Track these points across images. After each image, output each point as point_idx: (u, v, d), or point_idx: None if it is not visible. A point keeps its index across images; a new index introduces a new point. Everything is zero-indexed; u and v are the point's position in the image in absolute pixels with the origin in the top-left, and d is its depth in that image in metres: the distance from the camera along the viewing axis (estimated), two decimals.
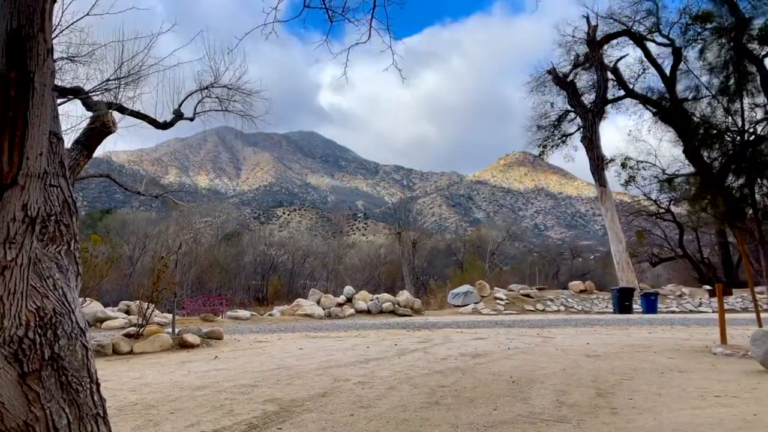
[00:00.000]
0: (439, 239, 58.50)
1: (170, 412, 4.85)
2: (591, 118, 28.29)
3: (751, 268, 11.23)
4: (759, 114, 9.65)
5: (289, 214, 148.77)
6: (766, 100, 11.00)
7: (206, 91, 10.29)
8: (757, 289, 10.48)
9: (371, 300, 20.73)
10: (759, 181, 9.20)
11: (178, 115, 9.62)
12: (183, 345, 10.38)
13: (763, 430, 3.83)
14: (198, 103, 10.21)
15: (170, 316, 13.35)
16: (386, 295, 21.66)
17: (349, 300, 20.70)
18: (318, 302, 20.30)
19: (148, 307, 11.24)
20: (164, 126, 9.29)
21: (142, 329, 10.72)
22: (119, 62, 8.24)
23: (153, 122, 9.02)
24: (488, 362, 7.68)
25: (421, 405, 4.95)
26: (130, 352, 9.73)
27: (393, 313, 20.25)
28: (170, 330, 11.38)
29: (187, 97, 9.99)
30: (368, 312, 20.12)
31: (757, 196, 9.24)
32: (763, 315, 9.62)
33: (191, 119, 10.08)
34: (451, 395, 5.35)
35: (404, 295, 21.57)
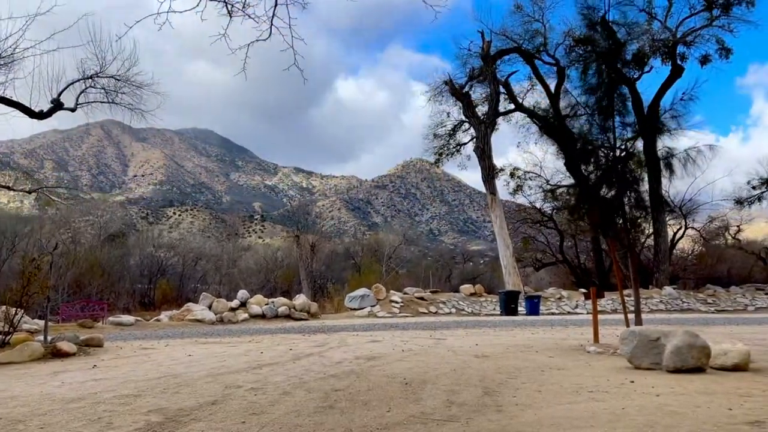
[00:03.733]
0: (337, 243, 58.67)
1: (39, 427, 4.44)
2: (484, 129, 29.71)
3: (620, 273, 12.33)
4: (629, 132, 10.63)
5: (180, 215, 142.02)
6: (635, 119, 12.16)
7: (90, 80, 9.58)
8: (625, 292, 11.52)
9: (266, 304, 20.29)
10: (628, 193, 10.12)
11: (57, 105, 8.87)
12: (57, 354, 9.54)
13: (629, 422, 4.20)
14: (81, 93, 9.48)
15: (42, 322, 12.24)
16: (282, 299, 21.30)
17: (243, 304, 20.13)
18: (210, 307, 19.53)
19: (15, 313, 10.22)
20: (40, 116, 8.53)
21: (8, 337, 9.74)
22: None
23: (27, 111, 8.25)
24: (383, 365, 7.78)
25: (315, 409, 4.91)
26: None
27: (289, 317, 19.97)
28: (42, 338, 10.42)
29: (68, 86, 9.25)
30: (263, 316, 19.67)
31: (626, 208, 10.16)
32: (630, 316, 10.58)
33: (72, 110, 9.33)
34: (346, 398, 5.36)
35: (301, 299, 21.34)
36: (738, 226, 35.80)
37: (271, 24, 5.72)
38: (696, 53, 27.66)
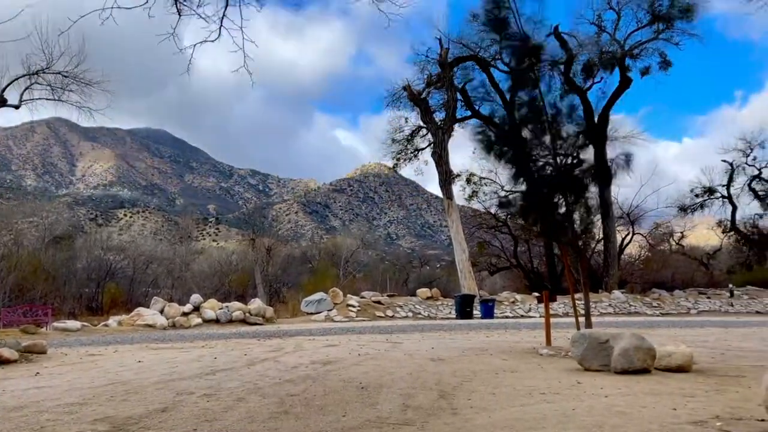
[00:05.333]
0: (294, 246, 58.17)
1: None
2: (441, 135, 30.00)
3: (572, 278, 12.66)
4: (580, 140, 10.93)
5: (131, 217, 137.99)
6: (586, 127, 12.53)
7: (36, 76, 9.20)
8: (576, 295, 11.83)
9: (220, 308, 19.89)
10: (578, 200, 10.40)
11: (0, 102, 8.47)
12: None
13: (579, 423, 4.32)
14: (25, 90, 9.12)
15: None
16: (237, 304, 20.94)
17: (197, 309, 19.67)
18: (161, 311, 19.02)
19: None
20: None
21: None
22: None
23: None
24: (339, 369, 7.75)
25: (270, 415, 4.85)
26: None
27: (244, 321, 19.63)
28: None
29: (11, 82, 8.88)
30: (217, 321, 19.28)
31: (576, 215, 10.45)
32: (580, 319, 10.86)
33: (16, 107, 8.97)
34: (301, 404, 5.31)
35: (256, 303, 21.02)
36: (681, 233, 37.49)
37: (221, 25, 5.62)
38: (641, 65, 28.74)
